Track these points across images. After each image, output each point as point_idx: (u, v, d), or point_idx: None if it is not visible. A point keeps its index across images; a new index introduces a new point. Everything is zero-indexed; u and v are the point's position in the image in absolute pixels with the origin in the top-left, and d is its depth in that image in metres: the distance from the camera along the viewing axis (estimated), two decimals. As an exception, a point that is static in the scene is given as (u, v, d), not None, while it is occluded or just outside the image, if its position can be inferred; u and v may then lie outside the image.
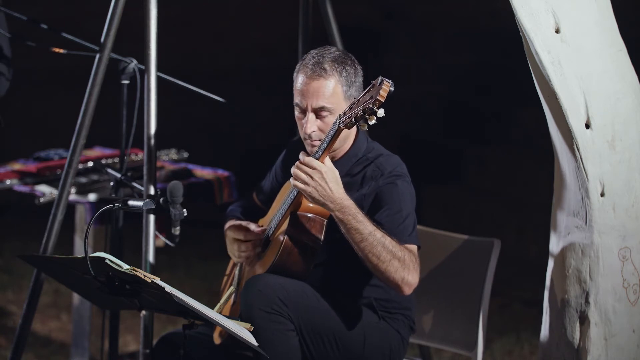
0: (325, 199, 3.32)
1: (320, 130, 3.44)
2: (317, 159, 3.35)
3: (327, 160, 3.36)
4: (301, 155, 3.37)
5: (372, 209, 3.45)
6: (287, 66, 3.56)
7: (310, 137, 3.46)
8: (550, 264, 3.52)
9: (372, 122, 3.17)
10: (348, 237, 3.34)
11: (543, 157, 4.94)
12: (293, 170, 3.35)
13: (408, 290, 3.38)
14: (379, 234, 3.32)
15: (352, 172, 3.54)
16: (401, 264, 3.34)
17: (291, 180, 3.36)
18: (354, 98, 3.40)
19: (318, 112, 3.44)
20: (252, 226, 3.62)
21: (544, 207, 3.90)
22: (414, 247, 3.42)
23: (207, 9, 8.51)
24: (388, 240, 3.33)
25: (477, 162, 7.86)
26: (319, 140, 3.45)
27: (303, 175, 3.32)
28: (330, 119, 3.43)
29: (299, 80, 3.47)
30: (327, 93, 3.43)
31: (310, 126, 3.44)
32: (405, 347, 3.62)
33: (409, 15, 8.50)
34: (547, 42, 3.33)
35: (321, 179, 3.30)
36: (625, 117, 3.41)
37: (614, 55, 3.42)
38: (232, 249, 3.65)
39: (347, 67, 3.46)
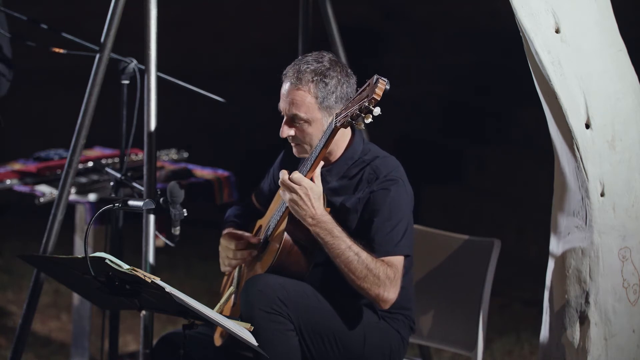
0: (305, 215, 3.36)
1: (297, 136, 3.51)
2: (314, 159, 3.38)
3: (315, 174, 3.39)
4: (293, 174, 3.39)
5: (364, 214, 3.47)
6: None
7: (289, 139, 3.52)
8: (550, 264, 3.52)
9: (369, 120, 3.18)
10: (326, 251, 3.37)
11: (543, 157, 4.94)
12: (280, 182, 3.40)
13: (384, 306, 3.42)
14: (355, 249, 3.36)
15: (348, 174, 3.54)
16: (375, 280, 3.36)
17: (279, 194, 3.40)
18: (343, 104, 3.43)
19: (293, 119, 3.49)
20: (246, 234, 3.64)
21: (544, 207, 3.89)
22: (397, 259, 3.43)
23: (207, 9, 8.51)
24: (364, 257, 3.36)
25: (477, 162, 7.85)
26: (298, 144, 3.51)
27: (286, 192, 3.37)
28: (306, 127, 3.48)
29: (283, 84, 3.53)
30: (300, 103, 3.47)
31: (284, 131, 3.51)
32: (405, 347, 3.62)
33: (409, 15, 8.50)
34: (547, 42, 3.33)
35: (305, 195, 3.35)
36: (625, 117, 3.41)
37: (614, 55, 3.42)
38: (222, 257, 3.67)
39: (325, 79, 3.46)
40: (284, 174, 3.39)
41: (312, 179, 3.39)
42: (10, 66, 4.02)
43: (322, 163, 3.42)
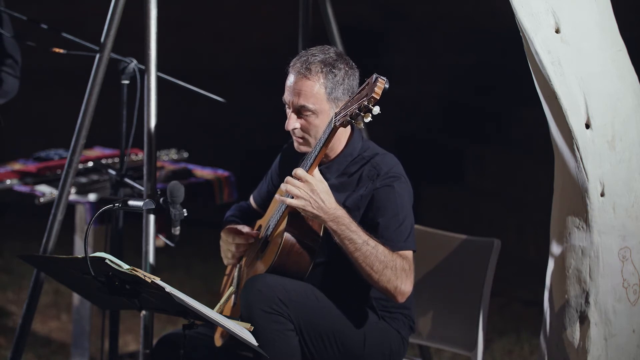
0: (318, 210, 3.34)
1: (303, 128, 3.48)
2: (314, 158, 3.38)
3: (316, 171, 3.38)
4: (296, 170, 3.38)
5: (369, 212, 3.47)
6: (287, 66, 3.57)
7: (293, 132, 3.50)
8: (550, 264, 3.52)
9: (368, 119, 3.19)
10: (342, 246, 3.36)
11: (543, 157, 4.94)
12: (283, 186, 3.37)
13: (401, 299, 3.40)
14: (372, 243, 3.34)
15: (348, 171, 3.54)
16: (394, 273, 3.35)
17: (277, 197, 3.37)
18: (349, 97, 3.42)
19: (300, 111, 3.48)
20: (246, 229, 3.64)
21: (544, 207, 3.90)
22: (408, 253, 3.43)
23: (207, 9, 8.51)
24: (381, 250, 3.35)
25: (477, 162, 7.85)
26: (303, 137, 3.49)
27: (294, 190, 3.35)
28: (313, 119, 3.46)
29: (288, 76, 3.52)
30: (308, 93, 3.46)
31: (291, 123, 3.49)
32: (405, 347, 3.62)
33: (409, 15, 8.50)
34: (547, 42, 3.33)
35: (312, 192, 3.33)
36: (625, 117, 3.41)
37: (614, 55, 3.42)
38: (224, 251, 3.68)
39: (334, 70, 3.47)
40: (287, 178, 3.37)
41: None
42: (19, 65, 4.04)
43: None
